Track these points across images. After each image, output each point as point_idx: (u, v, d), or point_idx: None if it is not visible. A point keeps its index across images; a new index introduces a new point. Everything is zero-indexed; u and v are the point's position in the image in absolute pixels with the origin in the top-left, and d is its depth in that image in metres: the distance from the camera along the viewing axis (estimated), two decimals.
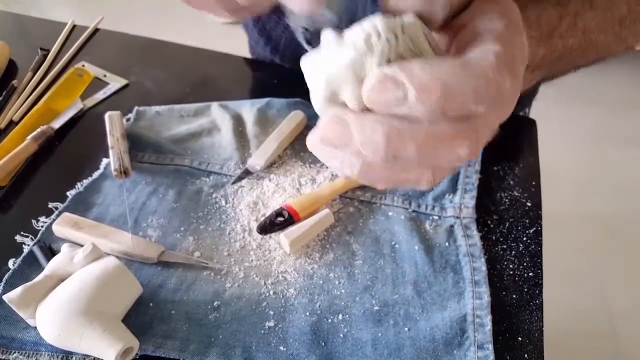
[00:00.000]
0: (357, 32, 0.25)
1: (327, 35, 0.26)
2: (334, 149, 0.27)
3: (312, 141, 0.28)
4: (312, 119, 0.66)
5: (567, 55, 0.38)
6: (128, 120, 0.65)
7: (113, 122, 0.61)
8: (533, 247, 0.54)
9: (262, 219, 0.54)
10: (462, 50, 0.25)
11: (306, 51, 0.28)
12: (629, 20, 0.39)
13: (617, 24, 0.39)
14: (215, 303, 0.47)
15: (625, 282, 1.47)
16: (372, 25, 0.25)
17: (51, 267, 0.46)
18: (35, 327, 0.44)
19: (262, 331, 0.46)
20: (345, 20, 0.27)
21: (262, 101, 0.68)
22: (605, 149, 1.86)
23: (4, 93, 0.68)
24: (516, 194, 0.59)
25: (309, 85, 0.28)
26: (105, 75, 0.73)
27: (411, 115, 0.23)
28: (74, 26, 0.81)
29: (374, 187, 0.30)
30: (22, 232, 0.52)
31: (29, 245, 0.51)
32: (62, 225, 0.51)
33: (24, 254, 0.50)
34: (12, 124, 0.65)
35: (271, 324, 0.46)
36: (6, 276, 0.48)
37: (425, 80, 0.22)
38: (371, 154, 0.25)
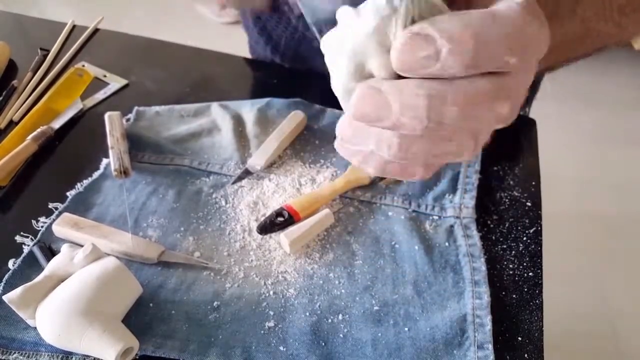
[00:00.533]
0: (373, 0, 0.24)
1: (344, 10, 0.25)
2: (367, 131, 0.25)
3: (341, 125, 0.26)
4: (312, 119, 0.66)
5: (567, 43, 0.37)
6: (128, 120, 0.65)
7: (113, 122, 0.61)
8: (533, 247, 0.54)
9: (262, 219, 0.54)
10: (481, 6, 0.24)
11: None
12: (628, 9, 0.39)
13: (616, 12, 0.38)
14: (215, 303, 0.47)
15: (625, 282, 1.47)
16: None
17: (51, 267, 0.46)
18: (35, 328, 0.43)
19: (262, 331, 0.46)
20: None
21: (262, 101, 0.68)
22: (605, 149, 1.86)
23: (4, 93, 0.68)
24: (516, 194, 0.59)
25: (329, 67, 0.26)
26: (105, 76, 0.73)
27: (446, 73, 0.22)
28: (74, 26, 0.81)
29: (409, 179, 0.28)
30: (22, 233, 0.52)
31: (29, 245, 0.51)
32: (62, 226, 0.51)
33: (24, 254, 0.50)
34: (12, 124, 0.65)
35: (271, 324, 0.46)
36: (6, 276, 0.48)
37: (456, 32, 0.21)
38: (412, 122, 0.23)
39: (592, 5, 0.37)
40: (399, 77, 0.24)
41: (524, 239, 0.55)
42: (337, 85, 0.26)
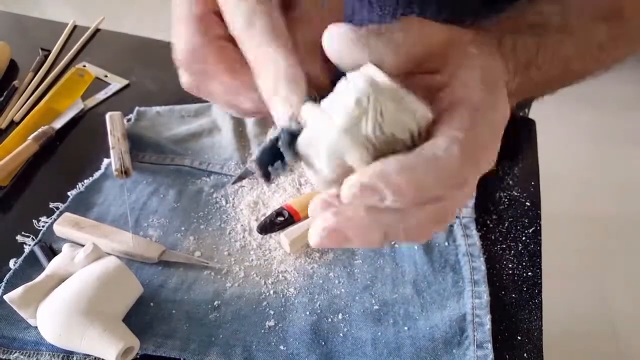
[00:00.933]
0: (343, 94, 0.25)
1: (310, 109, 0.26)
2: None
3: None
4: None
5: (545, 83, 0.38)
6: (129, 120, 0.65)
7: (114, 122, 0.61)
8: (532, 246, 0.54)
9: (263, 218, 0.54)
10: (439, 116, 0.26)
11: None
12: (608, 45, 0.39)
13: (596, 48, 0.39)
14: (216, 302, 0.48)
15: (624, 282, 1.48)
16: (355, 86, 0.25)
17: (52, 267, 0.46)
18: (36, 327, 0.44)
19: (263, 330, 0.46)
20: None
21: None
22: (605, 149, 1.86)
23: (5, 93, 0.68)
24: (515, 193, 0.59)
25: (307, 169, 0.28)
26: (106, 76, 0.73)
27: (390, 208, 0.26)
28: (75, 26, 0.81)
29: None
30: (23, 232, 0.52)
31: (30, 245, 0.51)
32: (63, 225, 0.51)
33: (25, 254, 0.50)
34: (13, 124, 0.65)
35: (271, 323, 0.46)
36: (7, 276, 0.48)
37: (400, 184, 0.24)
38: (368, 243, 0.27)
39: (572, 45, 0.37)
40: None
41: (524, 238, 0.55)
42: (320, 183, 0.28)
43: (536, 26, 0.36)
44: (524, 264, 0.52)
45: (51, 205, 0.55)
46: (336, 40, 0.26)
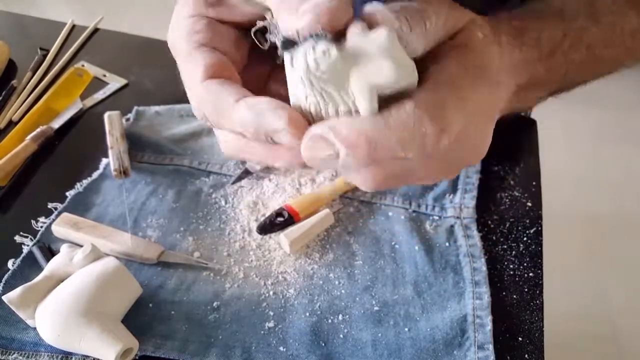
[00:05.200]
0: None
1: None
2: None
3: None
4: None
5: (574, 71, 0.37)
6: (128, 120, 0.65)
7: (112, 122, 0.61)
8: (533, 247, 0.54)
9: (262, 219, 0.54)
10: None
11: None
12: (638, 32, 0.39)
13: (628, 36, 0.38)
14: (215, 303, 0.47)
15: (625, 282, 1.47)
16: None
17: (50, 267, 0.46)
18: (35, 328, 0.43)
19: (262, 332, 0.46)
20: None
21: None
22: (606, 149, 1.86)
23: (3, 93, 0.68)
24: (516, 194, 0.59)
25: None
26: (104, 75, 0.73)
27: (348, 168, 0.26)
28: (74, 26, 0.81)
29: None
30: (21, 233, 0.52)
31: (28, 245, 0.51)
32: (62, 226, 0.51)
33: (23, 255, 0.50)
34: (11, 124, 0.65)
35: (271, 324, 0.46)
36: (5, 276, 0.48)
37: (351, 137, 0.24)
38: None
39: (599, 32, 0.37)
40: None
41: (525, 239, 0.55)
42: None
43: (561, 14, 0.36)
44: (525, 264, 0.52)
45: (50, 205, 0.55)
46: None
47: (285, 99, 0.27)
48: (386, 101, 0.25)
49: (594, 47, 0.37)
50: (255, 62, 0.33)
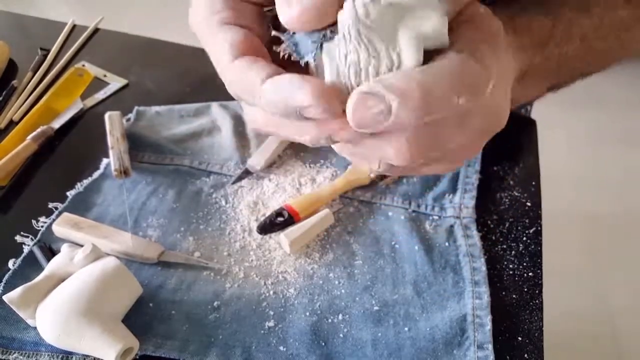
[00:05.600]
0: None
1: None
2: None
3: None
4: None
5: (566, 63, 0.38)
6: (128, 120, 0.65)
7: (113, 122, 0.61)
8: (533, 247, 0.54)
9: (262, 219, 0.54)
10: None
11: None
12: (632, 26, 0.39)
13: (618, 28, 0.38)
14: (215, 303, 0.47)
15: (625, 282, 1.47)
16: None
17: (51, 267, 0.46)
18: (35, 328, 0.44)
19: (262, 331, 0.46)
20: None
21: None
22: (606, 149, 1.86)
23: (3, 93, 0.68)
24: (516, 194, 0.59)
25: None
26: (105, 75, 0.73)
27: (401, 125, 0.24)
28: (74, 26, 0.81)
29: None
30: (22, 233, 0.52)
31: (29, 245, 0.51)
32: (62, 226, 0.51)
33: (24, 254, 0.50)
34: (12, 124, 0.65)
35: (271, 324, 0.46)
36: (6, 276, 0.48)
37: (402, 86, 0.23)
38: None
39: (590, 23, 0.37)
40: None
41: (524, 239, 0.55)
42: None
43: (551, 4, 0.36)
44: (524, 264, 0.52)
45: (50, 205, 0.55)
46: None
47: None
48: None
49: (588, 39, 0.37)
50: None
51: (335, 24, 0.25)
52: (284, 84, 0.25)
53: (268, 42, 0.30)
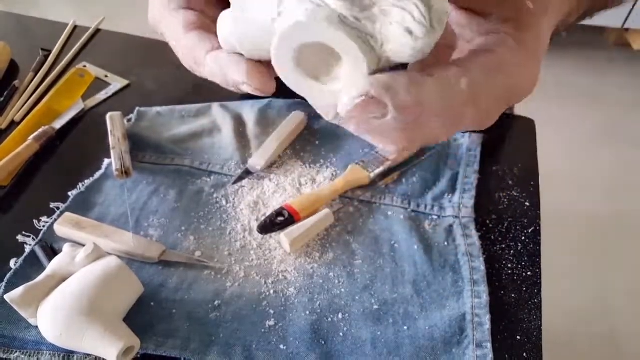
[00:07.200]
0: None
1: None
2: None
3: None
4: (312, 119, 0.66)
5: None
6: (129, 120, 0.65)
7: (114, 123, 0.62)
8: (532, 246, 0.54)
9: (263, 218, 0.54)
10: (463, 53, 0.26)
11: None
12: None
13: None
14: (216, 302, 0.48)
15: (624, 282, 1.48)
16: None
17: (53, 266, 0.46)
18: (37, 327, 0.44)
19: (263, 330, 0.46)
20: None
21: (263, 102, 0.68)
22: (604, 149, 1.86)
23: (5, 93, 0.68)
24: (515, 193, 0.59)
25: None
26: (106, 76, 0.73)
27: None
28: (75, 27, 0.82)
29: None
30: (23, 232, 0.53)
31: (30, 245, 0.51)
32: (64, 225, 0.52)
33: (25, 254, 0.50)
34: (13, 124, 0.66)
35: (271, 322, 0.47)
36: (8, 276, 0.48)
37: (408, 104, 0.23)
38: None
39: None
40: None
41: (523, 238, 0.55)
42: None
43: None
44: (523, 263, 0.52)
45: (52, 205, 0.55)
46: None
47: None
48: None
49: None
50: None
51: None
52: (223, 59, 0.29)
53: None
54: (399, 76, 0.23)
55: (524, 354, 0.45)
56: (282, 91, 0.29)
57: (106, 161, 0.60)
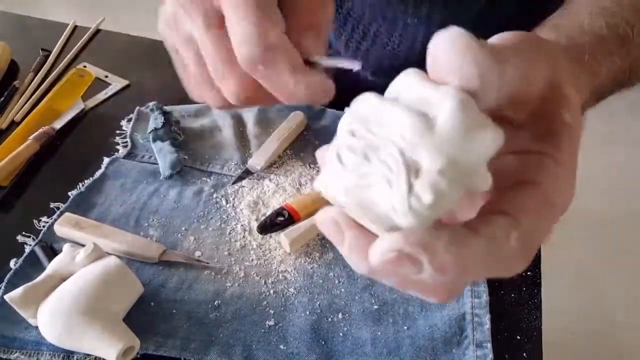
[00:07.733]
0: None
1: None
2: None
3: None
4: (312, 119, 0.66)
5: (614, 77, 0.38)
6: (129, 120, 0.65)
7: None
8: None
9: (263, 218, 0.54)
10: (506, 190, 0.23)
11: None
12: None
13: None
14: (216, 302, 0.48)
15: (624, 282, 1.48)
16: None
17: (53, 267, 0.46)
18: (37, 327, 0.44)
19: (263, 330, 0.46)
20: None
21: None
22: (605, 149, 1.86)
23: (5, 93, 0.68)
24: None
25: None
26: (106, 76, 0.73)
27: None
28: (76, 27, 0.82)
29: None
30: (23, 232, 0.52)
31: (30, 245, 0.51)
32: (64, 225, 0.51)
33: (25, 254, 0.50)
34: (13, 124, 0.66)
35: (271, 322, 0.47)
36: (8, 276, 0.48)
37: (447, 264, 0.20)
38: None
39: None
40: None
41: None
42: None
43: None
44: None
45: (52, 205, 0.55)
46: (455, 47, 0.20)
47: None
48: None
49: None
50: None
51: None
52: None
53: None
54: (438, 232, 0.21)
55: (524, 354, 0.45)
56: None
57: (106, 160, 0.60)
